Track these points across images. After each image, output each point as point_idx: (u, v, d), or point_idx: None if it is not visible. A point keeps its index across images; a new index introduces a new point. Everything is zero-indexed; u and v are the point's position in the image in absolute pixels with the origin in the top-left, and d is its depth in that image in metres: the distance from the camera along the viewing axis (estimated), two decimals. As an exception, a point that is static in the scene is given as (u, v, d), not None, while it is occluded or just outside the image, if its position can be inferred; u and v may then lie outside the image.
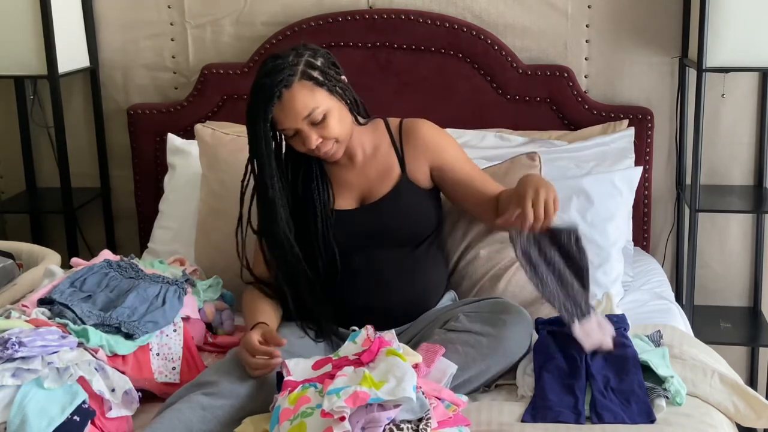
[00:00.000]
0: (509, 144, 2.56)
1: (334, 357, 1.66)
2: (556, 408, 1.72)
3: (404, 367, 1.56)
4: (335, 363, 1.63)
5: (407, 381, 1.52)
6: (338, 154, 1.98)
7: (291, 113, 1.87)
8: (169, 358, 1.92)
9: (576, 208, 2.34)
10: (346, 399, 1.47)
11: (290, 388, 1.59)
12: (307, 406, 1.51)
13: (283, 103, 1.86)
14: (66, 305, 1.89)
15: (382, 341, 1.65)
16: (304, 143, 1.91)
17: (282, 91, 1.85)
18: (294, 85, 1.85)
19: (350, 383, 1.52)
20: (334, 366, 1.62)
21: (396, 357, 1.60)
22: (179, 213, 2.60)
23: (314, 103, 1.87)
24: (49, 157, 3.06)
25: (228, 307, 2.19)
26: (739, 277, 2.81)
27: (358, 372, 1.56)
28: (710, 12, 2.36)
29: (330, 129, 1.90)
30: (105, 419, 1.70)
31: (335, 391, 1.50)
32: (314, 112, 1.87)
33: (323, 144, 1.92)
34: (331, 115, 1.90)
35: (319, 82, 1.88)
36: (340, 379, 1.54)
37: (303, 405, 1.52)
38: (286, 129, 1.90)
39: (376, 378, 1.53)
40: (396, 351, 1.62)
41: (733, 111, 2.70)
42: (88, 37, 2.91)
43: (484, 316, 1.87)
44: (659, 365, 1.81)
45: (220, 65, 2.81)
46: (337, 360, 1.64)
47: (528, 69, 2.67)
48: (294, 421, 1.49)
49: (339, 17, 2.70)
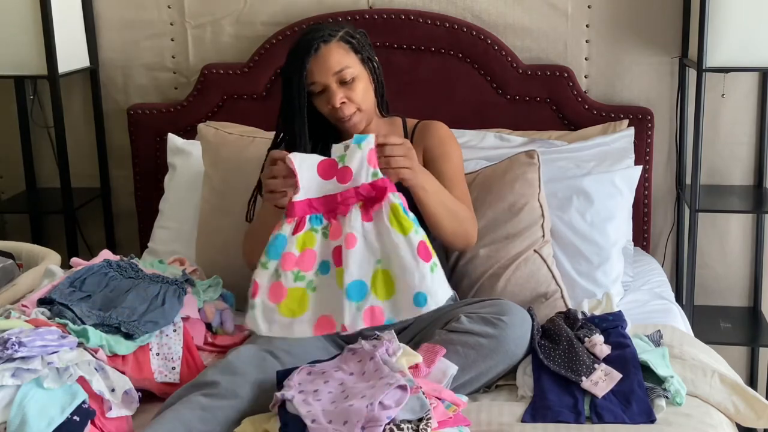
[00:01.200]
0: (509, 144, 2.56)
1: (339, 163, 1.63)
2: (556, 408, 1.72)
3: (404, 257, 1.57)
4: (341, 194, 1.59)
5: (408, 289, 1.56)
6: (359, 125, 2.02)
7: (324, 66, 1.96)
8: (168, 358, 1.92)
9: (576, 208, 2.34)
10: (365, 317, 1.54)
11: (298, 218, 1.59)
12: (313, 275, 1.55)
13: (319, 56, 1.95)
14: (66, 305, 1.89)
15: (386, 183, 1.62)
16: (329, 100, 1.98)
17: (320, 45, 1.96)
18: (332, 42, 1.97)
19: (361, 274, 1.55)
20: (341, 200, 1.59)
21: (396, 232, 1.58)
22: (179, 213, 2.60)
23: (347, 62, 1.98)
24: (49, 157, 3.07)
25: (228, 307, 2.18)
26: (739, 277, 2.81)
27: (368, 245, 1.57)
28: (710, 12, 2.36)
29: (356, 93, 1.98)
30: (105, 419, 1.69)
31: (354, 295, 1.54)
32: (345, 71, 1.97)
33: (346, 106, 1.98)
34: (360, 80, 2.00)
35: (355, 48, 2.00)
36: (354, 262, 1.55)
37: (309, 268, 1.55)
38: (316, 83, 1.97)
39: (382, 263, 1.57)
40: (398, 212, 1.59)
41: (733, 111, 2.70)
42: (88, 37, 2.91)
43: (485, 317, 1.87)
44: (659, 365, 1.81)
45: (220, 65, 2.81)
46: (341, 168, 1.61)
47: (528, 69, 2.67)
48: (297, 281, 1.54)
49: (339, 17, 2.70)
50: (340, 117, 2.00)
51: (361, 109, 2.01)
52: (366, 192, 1.62)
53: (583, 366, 1.80)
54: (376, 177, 1.64)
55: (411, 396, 1.54)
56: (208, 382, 1.73)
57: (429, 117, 2.23)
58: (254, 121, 2.71)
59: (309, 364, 1.71)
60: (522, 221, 2.22)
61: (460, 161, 2.14)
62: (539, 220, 2.23)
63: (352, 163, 1.63)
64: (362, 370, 1.66)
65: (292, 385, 1.62)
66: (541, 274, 2.19)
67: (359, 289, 1.58)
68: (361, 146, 1.63)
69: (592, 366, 1.81)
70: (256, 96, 2.79)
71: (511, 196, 2.23)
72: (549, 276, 2.19)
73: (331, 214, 1.62)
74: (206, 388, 1.72)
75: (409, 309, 1.59)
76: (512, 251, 2.20)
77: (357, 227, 1.60)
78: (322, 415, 1.52)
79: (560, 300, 2.17)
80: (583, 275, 2.31)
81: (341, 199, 1.61)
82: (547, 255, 2.23)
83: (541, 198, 2.25)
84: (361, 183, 1.62)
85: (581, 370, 1.80)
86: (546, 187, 2.28)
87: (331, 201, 1.61)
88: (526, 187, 2.24)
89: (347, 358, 1.71)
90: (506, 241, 2.20)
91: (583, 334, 1.90)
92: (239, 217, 2.15)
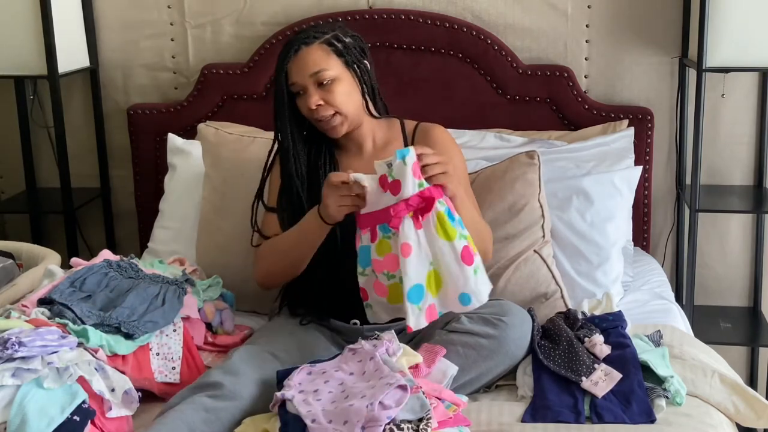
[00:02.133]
0: (509, 144, 2.56)
1: (389, 177, 1.73)
2: (556, 408, 1.72)
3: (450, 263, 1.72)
4: (394, 207, 1.72)
5: (455, 288, 1.72)
6: (339, 129, 2.01)
7: (301, 67, 1.97)
8: (169, 358, 1.92)
9: (576, 208, 2.34)
10: (426, 316, 1.72)
11: (370, 229, 1.75)
12: (399, 273, 1.72)
13: (298, 57, 1.97)
14: (66, 305, 1.88)
15: (432, 192, 1.73)
16: (306, 102, 1.97)
17: (300, 47, 1.97)
18: (313, 45, 1.98)
19: (419, 278, 1.71)
20: (394, 213, 1.71)
21: (443, 240, 1.72)
22: (179, 213, 2.60)
23: (325, 65, 1.97)
24: (49, 157, 3.06)
25: (228, 307, 2.19)
26: (739, 277, 2.81)
27: (422, 251, 1.72)
28: (710, 12, 2.36)
29: (334, 95, 1.97)
30: (105, 419, 1.69)
31: (415, 298, 1.71)
32: (322, 72, 1.96)
33: (323, 108, 1.97)
34: (340, 83, 1.98)
35: (338, 52, 1.99)
36: (412, 268, 1.70)
37: (395, 269, 1.72)
38: (294, 83, 1.98)
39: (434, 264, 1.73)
40: (443, 220, 1.73)
41: (733, 111, 2.70)
42: (88, 37, 2.91)
43: (486, 318, 1.87)
44: (659, 365, 1.81)
45: (220, 65, 2.81)
46: (392, 182, 1.72)
47: (528, 69, 2.67)
48: (390, 279, 1.73)
49: (339, 17, 2.70)
50: (317, 119, 1.99)
51: (341, 113, 1.99)
52: (416, 203, 1.72)
53: (583, 366, 1.80)
54: (422, 187, 1.73)
55: (411, 396, 1.54)
56: (211, 383, 1.73)
57: (429, 117, 2.22)
58: (254, 122, 2.71)
59: (309, 364, 1.71)
60: (522, 221, 2.22)
61: (464, 166, 2.13)
62: (539, 221, 2.24)
63: (400, 176, 1.73)
64: (362, 370, 1.66)
65: (292, 384, 1.62)
66: (541, 274, 2.19)
67: (418, 292, 1.72)
68: (405, 161, 1.72)
69: (592, 366, 1.81)
70: (256, 96, 2.79)
71: (511, 196, 2.23)
72: (549, 276, 2.19)
73: (391, 224, 1.75)
74: (210, 389, 1.72)
75: (455, 306, 1.76)
76: (512, 251, 2.20)
77: (411, 236, 1.72)
78: (322, 415, 1.53)
79: (560, 300, 2.17)
80: (582, 275, 2.31)
81: (394, 212, 1.72)
82: (547, 255, 2.23)
83: (541, 198, 2.25)
84: (409, 195, 1.72)
85: (581, 370, 1.80)
86: (546, 187, 2.28)
87: (386, 213, 1.74)
88: (526, 188, 2.24)
89: (347, 358, 1.71)
90: (506, 241, 2.20)
91: (583, 334, 1.90)
92: (239, 217, 2.15)
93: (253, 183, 2.14)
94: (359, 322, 1.99)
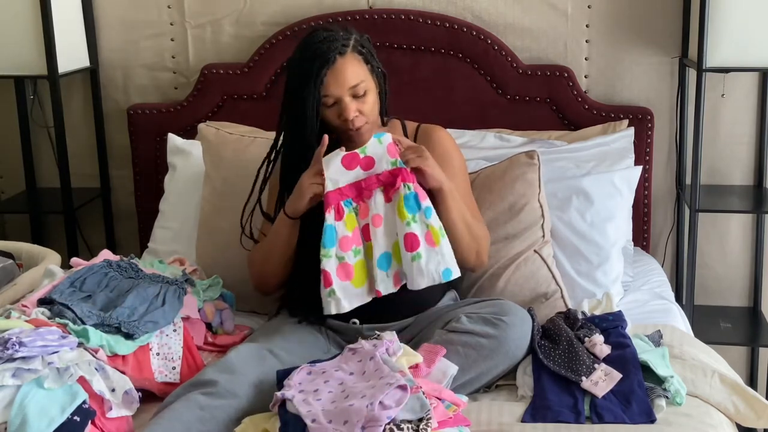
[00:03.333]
0: (509, 144, 2.56)
1: (360, 154, 1.90)
2: (556, 408, 1.72)
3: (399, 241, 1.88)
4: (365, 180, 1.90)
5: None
6: (366, 135, 1.99)
7: (341, 79, 1.94)
8: (169, 358, 1.92)
9: (576, 208, 2.34)
10: (394, 281, 1.89)
11: (334, 205, 1.87)
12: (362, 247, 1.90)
13: (336, 69, 1.93)
14: (66, 305, 1.88)
15: (402, 172, 1.88)
16: (342, 113, 1.96)
17: (336, 57, 1.93)
18: (348, 54, 1.96)
19: (387, 246, 1.89)
20: (365, 185, 1.89)
21: (398, 218, 1.88)
22: (179, 213, 2.60)
23: (362, 76, 1.97)
24: (49, 157, 3.07)
25: (228, 307, 2.19)
26: (739, 277, 2.81)
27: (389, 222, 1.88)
28: (710, 12, 2.36)
29: (367, 105, 1.98)
30: (105, 419, 1.69)
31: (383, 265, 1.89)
32: (360, 85, 1.96)
33: (358, 118, 1.97)
34: (371, 93, 2.00)
35: (366, 59, 2.00)
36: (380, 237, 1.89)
37: (360, 243, 1.90)
38: (329, 95, 1.95)
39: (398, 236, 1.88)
40: (401, 201, 1.87)
41: (733, 111, 2.70)
42: (88, 37, 2.91)
43: (486, 318, 1.87)
44: (659, 365, 1.81)
45: (220, 65, 2.81)
46: (364, 158, 1.89)
47: (528, 69, 2.67)
48: (357, 255, 1.89)
49: (339, 17, 2.70)
50: (351, 129, 1.98)
51: (370, 120, 1.99)
52: (386, 178, 1.89)
53: (583, 366, 1.81)
54: (395, 165, 1.90)
55: (411, 396, 1.54)
56: (206, 381, 1.73)
57: (429, 117, 2.22)
58: (254, 121, 2.71)
59: (309, 364, 1.71)
60: (522, 221, 2.22)
61: (464, 167, 2.13)
62: (539, 221, 2.24)
63: (373, 153, 1.90)
64: (362, 369, 1.66)
65: (292, 384, 1.62)
66: (541, 274, 2.19)
67: (386, 259, 1.90)
68: (381, 141, 1.90)
69: (592, 366, 1.81)
70: (256, 96, 2.79)
71: (511, 196, 2.23)
72: (549, 276, 2.19)
73: (359, 197, 1.91)
74: (205, 387, 1.71)
75: (398, 278, 1.92)
76: (512, 251, 2.20)
77: (381, 208, 1.90)
78: (322, 415, 1.53)
79: (560, 300, 2.17)
80: (582, 275, 2.31)
81: (365, 185, 1.90)
82: (547, 255, 2.23)
83: (541, 198, 2.25)
84: (382, 170, 1.90)
85: (581, 370, 1.80)
86: (546, 187, 2.29)
87: (357, 187, 1.90)
88: (526, 187, 2.24)
89: (347, 358, 1.71)
90: (506, 241, 2.20)
91: (583, 334, 1.90)
92: (239, 218, 2.15)
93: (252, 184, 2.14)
94: (358, 321, 2.00)
